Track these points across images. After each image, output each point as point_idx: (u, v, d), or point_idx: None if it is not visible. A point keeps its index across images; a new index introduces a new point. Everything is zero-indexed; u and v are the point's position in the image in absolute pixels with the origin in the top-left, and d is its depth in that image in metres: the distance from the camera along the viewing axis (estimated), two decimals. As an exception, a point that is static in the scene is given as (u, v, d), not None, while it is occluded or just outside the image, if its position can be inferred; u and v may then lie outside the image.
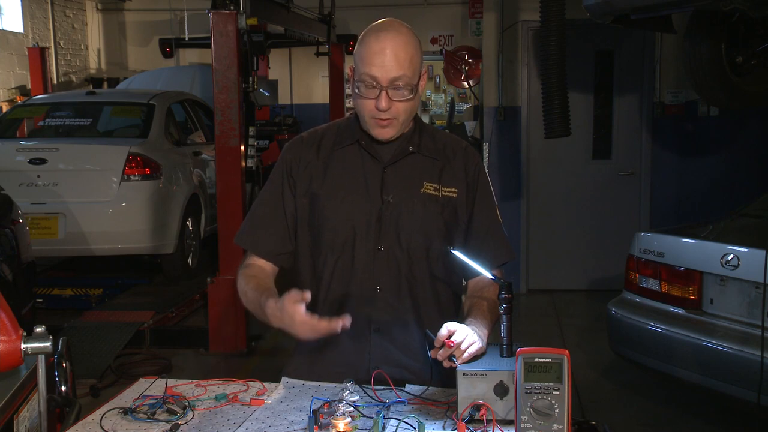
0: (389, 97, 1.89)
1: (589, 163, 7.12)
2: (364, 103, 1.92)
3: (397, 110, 1.92)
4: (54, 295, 6.40)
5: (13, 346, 1.84)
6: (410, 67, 1.89)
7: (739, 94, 4.94)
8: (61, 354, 2.62)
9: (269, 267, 2.07)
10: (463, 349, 1.71)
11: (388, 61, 1.87)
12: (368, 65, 1.88)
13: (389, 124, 1.94)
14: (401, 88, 1.89)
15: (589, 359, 5.32)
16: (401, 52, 1.88)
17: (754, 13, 4.04)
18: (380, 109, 1.90)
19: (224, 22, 5.35)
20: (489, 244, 2.04)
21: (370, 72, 1.88)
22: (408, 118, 1.97)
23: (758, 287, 3.52)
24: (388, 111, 1.91)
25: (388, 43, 1.88)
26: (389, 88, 1.88)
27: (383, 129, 1.95)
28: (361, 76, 1.90)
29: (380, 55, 1.87)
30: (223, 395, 1.89)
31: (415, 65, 1.91)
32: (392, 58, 1.87)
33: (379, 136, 1.97)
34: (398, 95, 1.90)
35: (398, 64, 1.87)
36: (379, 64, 1.87)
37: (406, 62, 1.88)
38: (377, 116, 1.92)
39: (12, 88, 10.21)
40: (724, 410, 4.35)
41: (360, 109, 1.95)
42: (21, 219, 4.63)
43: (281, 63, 12.11)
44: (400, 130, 1.98)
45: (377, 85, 1.88)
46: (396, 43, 1.88)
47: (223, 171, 5.58)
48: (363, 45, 1.92)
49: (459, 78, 9.16)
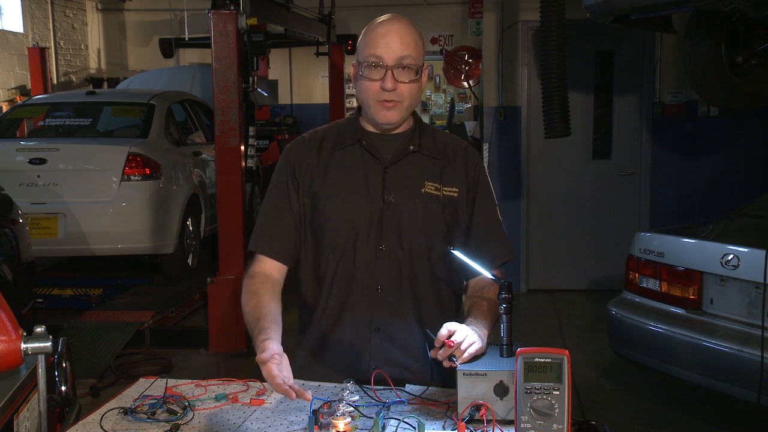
0: (395, 77, 1.91)
1: (589, 163, 7.12)
2: (369, 86, 1.93)
3: (402, 92, 1.93)
4: (54, 295, 6.40)
5: (13, 346, 1.84)
6: (415, 49, 1.93)
7: (739, 94, 4.94)
8: (61, 354, 2.62)
9: (277, 272, 2.03)
10: (463, 349, 1.71)
11: (393, 42, 1.91)
12: (373, 47, 1.91)
13: (394, 107, 1.94)
14: (406, 67, 1.91)
15: (589, 359, 5.32)
16: (406, 35, 1.92)
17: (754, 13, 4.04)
18: (386, 89, 1.91)
19: (224, 22, 5.35)
20: (489, 244, 2.04)
21: (375, 52, 1.91)
22: (411, 103, 1.98)
23: (758, 287, 3.52)
24: (394, 92, 1.92)
25: (393, 27, 1.93)
26: (395, 67, 1.91)
27: (388, 111, 1.95)
28: (366, 58, 1.92)
29: (385, 37, 1.91)
30: (223, 395, 1.89)
31: (419, 49, 1.95)
32: (397, 39, 1.91)
33: (384, 120, 1.97)
34: (404, 75, 1.92)
35: (403, 45, 1.91)
36: (385, 45, 1.91)
37: (411, 44, 1.92)
38: (382, 98, 1.93)
39: (12, 88, 10.21)
40: (724, 410, 4.35)
41: (364, 94, 1.96)
42: (21, 219, 4.63)
43: (281, 63, 12.11)
44: (404, 116, 1.99)
45: (383, 65, 1.91)
46: (400, 27, 1.93)
47: (223, 171, 5.58)
48: (367, 33, 1.96)
49: (459, 78, 9.16)
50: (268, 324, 1.81)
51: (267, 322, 1.82)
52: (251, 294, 1.95)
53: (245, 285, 1.99)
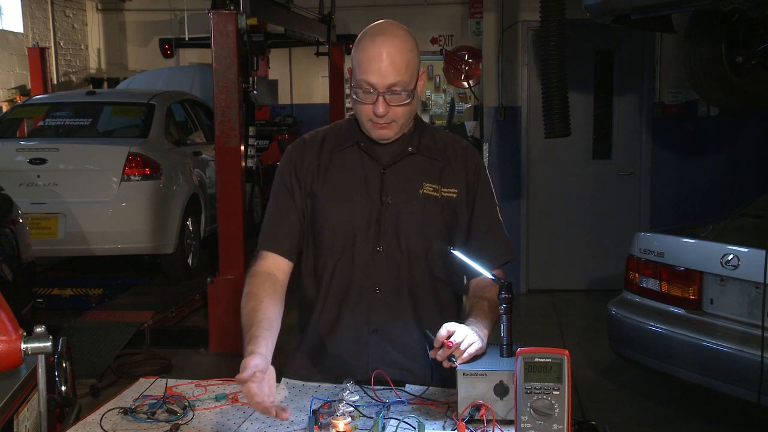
0: (386, 102, 1.89)
1: (589, 163, 7.12)
2: (362, 108, 1.93)
3: (395, 114, 1.92)
4: (54, 295, 6.40)
5: (13, 346, 1.84)
6: (407, 71, 1.89)
7: (739, 94, 4.94)
8: (61, 354, 2.62)
9: (280, 270, 2.01)
10: (462, 349, 1.71)
11: (384, 68, 1.87)
12: (365, 72, 1.88)
13: (388, 126, 1.94)
14: (398, 92, 1.89)
15: (589, 359, 5.32)
16: (397, 57, 1.88)
17: (754, 13, 4.04)
18: (378, 115, 1.90)
19: (224, 22, 5.35)
20: (489, 244, 2.04)
21: (367, 78, 1.88)
22: (407, 120, 1.97)
23: (758, 287, 3.52)
24: (386, 116, 1.91)
25: (385, 48, 1.87)
26: (386, 93, 1.89)
27: (382, 131, 1.95)
28: (358, 82, 1.91)
29: (377, 61, 1.87)
30: (223, 395, 1.89)
31: (411, 69, 1.90)
32: (389, 64, 1.87)
33: (379, 138, 1.97)
34: (395, 100, 1.90)
35: (395, 70, 1.87)
36: (376, 71, 1.87)
37: (402, 67, 1.88)
38: (375, 120, 1.92)
39: (12, 88, 10.21)
40: (724, 410, 4.35)
41: (358, 113, 1.96)
42: (21, 219, 4.63)
43: (281, 63, 12.11)
44: (400, 131, 1.98)
45: (374, 91, 1.88)
46: (392, 47, 1.88)
47: (223, 171, 5.58)
48: (360, 49, 1.91)
49: (459, 78, 9.16)
50: (260, 332, 1.78)
51: (259, 330, 1.79)
52: (250, 296, 1.93)
53: (246, 285, 1.97)
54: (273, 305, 1.90)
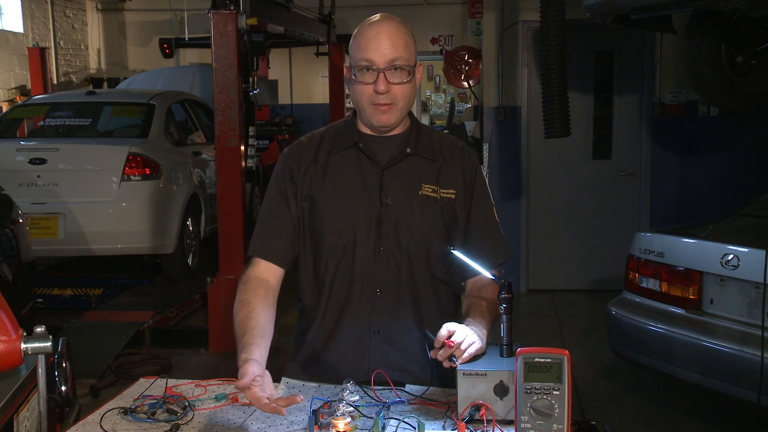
0: (387, 79, 1.91)
1: (589, 163, 7.12)
2: (363, 90, 1.93)
3: (395, 94, 1.93)
4: (54, 295, 6.40)
5: (13, 346, 1.84)
6: (406, 50, 1.92)
7: (739, 94, 4.94)
8: (61, 354, 2.62)
9: (272, 276, 2.01)
10: (463, 349, 1.71)
11: (383, 45, 1.90)
12: (364, 50, 1.91)
13: (389, 109, 1.94)
14: (398, 68, 1.91)
15: (589, 359, 5.32)
16: (396, 36, 1.92)
17: (754, 13, 4.04)
18: (379, 92, 1.91)
19: (224, 22, 5.35)
20: (487, 244, 2.04)
21: (366, 56, 1.90)
22: (406, 104, 1.97)
23: (758, 287, 3.52)
24: (387, 94, 1.91)
25: (383, 28, 1.92)
26: (387, 69, 1.90)
27: (383, 115, 1.95)
28: (357, 63, 1.92)
29: (375, 40, 1.91)
30: (223, 395, 1.89)
31: (410, 50, 1.94)
32: (388, 42, 1.90)
33: (380, 123, 1.97)
34: (396, 77, 1.91)
35: (394, 47, 1.90)
36: (375, 48, 1.90)
37: (401, 45, 1.91)
38: (376, 101, 1.93)
39: (12, 88, 10.21)
40: (724, 410, 4.35)
41: (358, 98, 1.96)
42: (21, 219, 4.62)
43: (281, 63, 12.10)
44: (400, 118, 1.98)
45: (375, 68, 1.90)
46: (390, 28, 1.92)
47: (223, 171, 5.58)
48: (357, 36, 1.95)
49: (459, 78, 9.16)
50: (253, 339, 1.79)
51: (252, 337, 1.79)
52: (242, 303, 1.92)
53: (238, 292, 1.96)
54: (265, 311, 1.90)
